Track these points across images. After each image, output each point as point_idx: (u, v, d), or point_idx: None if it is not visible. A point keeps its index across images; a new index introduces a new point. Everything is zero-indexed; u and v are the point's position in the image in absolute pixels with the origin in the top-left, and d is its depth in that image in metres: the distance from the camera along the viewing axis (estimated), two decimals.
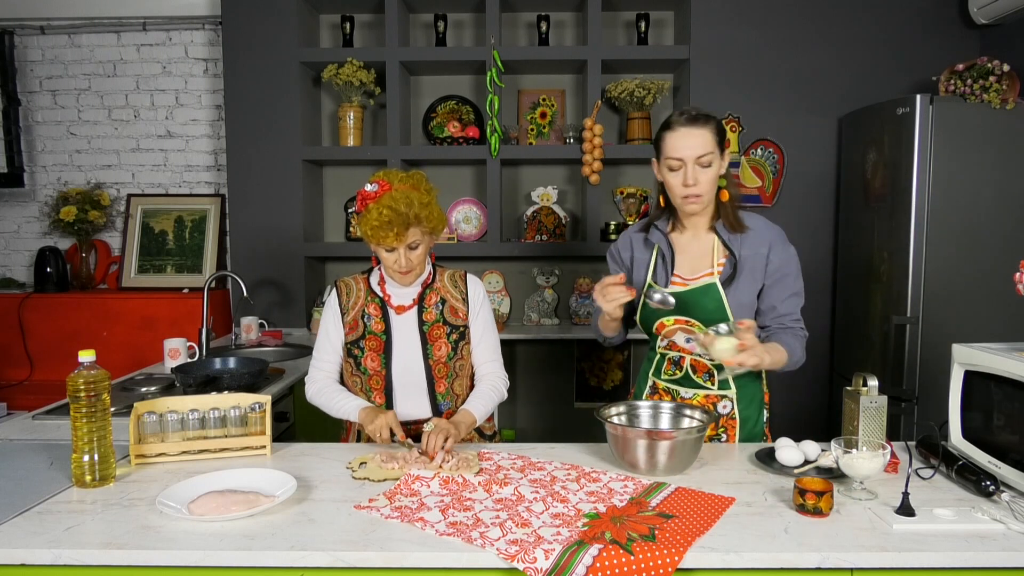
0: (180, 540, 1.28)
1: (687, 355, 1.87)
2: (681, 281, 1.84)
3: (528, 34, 3.77)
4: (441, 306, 1.93)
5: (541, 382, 3.82)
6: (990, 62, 2.82)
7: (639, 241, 1.94)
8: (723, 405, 1.87)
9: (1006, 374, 1.51)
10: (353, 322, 1.92)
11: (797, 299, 1.85)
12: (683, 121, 1.76)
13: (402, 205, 1.73)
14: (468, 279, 1.99)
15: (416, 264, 1.84)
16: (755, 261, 1.81)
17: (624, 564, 1.20)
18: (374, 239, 1.78)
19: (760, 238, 1.82)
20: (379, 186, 1.78)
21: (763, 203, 3.56)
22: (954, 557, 1.24)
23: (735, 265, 1.81)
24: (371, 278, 1.97)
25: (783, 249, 1.83)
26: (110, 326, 3.56)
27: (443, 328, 1.92)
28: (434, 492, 1.51)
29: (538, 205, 3.70)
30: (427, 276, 1.95)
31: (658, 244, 1.88)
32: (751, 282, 1.81)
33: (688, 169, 1.74)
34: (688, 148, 1.74)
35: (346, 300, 1.94)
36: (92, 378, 1.52)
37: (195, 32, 3.84)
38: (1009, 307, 2.84)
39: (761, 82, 3.52)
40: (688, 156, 1.74)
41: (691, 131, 1.74)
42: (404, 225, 1.75)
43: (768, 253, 1.81)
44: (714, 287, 1.79)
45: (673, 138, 1.76)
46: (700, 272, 1.83)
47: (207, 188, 3.94)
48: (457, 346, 1.92)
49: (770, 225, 1.86)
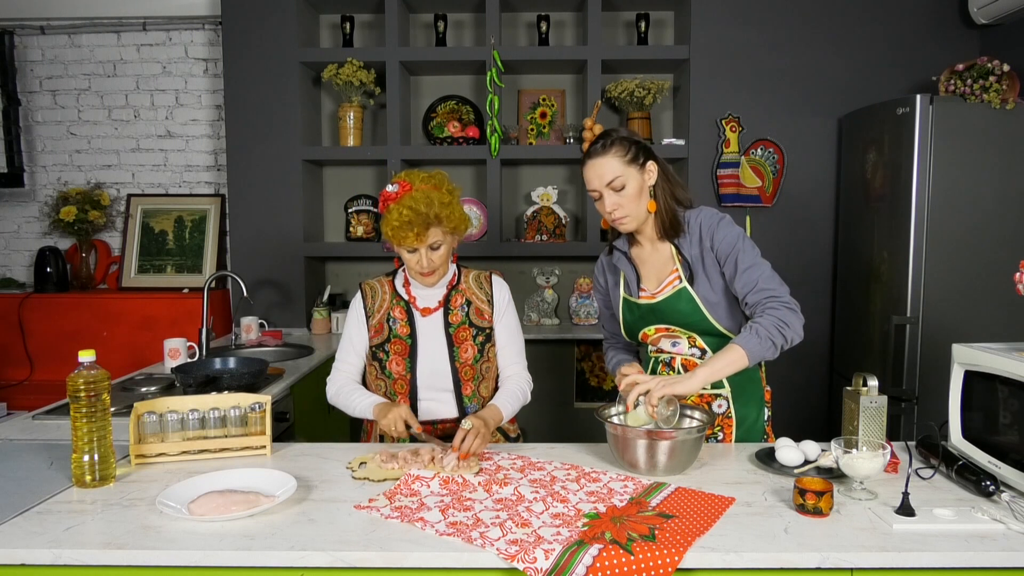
0: (180, 540, 1.28)
1: (678, 356, 1.87)
2: (649, 295, 1.86)
3: (528, 34, 3.77)
4: (467, 308, 1.92)
5: (541, 382, 3.78)
6: (990, 62, 2.82)
7: (608, 266, 1.98)
8: (718, 404, 1.87)
9: (1006, 374, 1.50)
10: (378, 325, 1.91)
11: (755, 270, 1.72)
12: (589, 153, 1.78)
13: (422, 205, 1.73)
14: (493, 280, 1.99)
15: (439, 264, 1.83)
16: (704, 255, 1.79)
17: (624, 564, 1.19)
18: (395, 239, 1.77)
19: (694, 234, 1.80)
20: (400, 186, 1.77)
21: (763, 203, 3.56)
22: (954, 557, 1.23)
23: (689, 268, 1.81)
24: (396, 280, 1.95)
25: (714, 232, 1.76)
26: (110, 326, 3.56)
27: (469, 330, 1.91)
28: (434, 492, 1.51)
29: (538, 205, 3.70)
30: (452, 277, 1.94)
31: (622, 269, 1.91)
32: (711, 277, 1.78)
33: (605, 197, 1.76)
34: (596, 178, 1.76)
35: (371, 303, 1.93)
36: (92, 378, 1.52)
37: (195, 32, 3.84)
38: (1009, 307, 2.84)
39: (761, 82, 3.52)
40: (598, 185, 1.76)
41: (595, 162, 1.75)
42: (424, 225, 1.74)
43: (710, 244, 1.78)
44: (684, 290, 1.80)
45: (585, 171, 1.79)
46: (664, 281, 1.84)
47: (207, 188, 3.94)
48: (483, 348, 1.92)
49: (699, 215, 1.80)
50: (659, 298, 1.84)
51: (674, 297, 1.81)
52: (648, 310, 1.86)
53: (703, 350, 1.84)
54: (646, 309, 1.86)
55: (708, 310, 1.79)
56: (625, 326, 1.93)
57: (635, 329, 1.91)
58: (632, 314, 1.89)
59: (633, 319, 1.90)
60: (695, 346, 1.85)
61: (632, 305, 1.89)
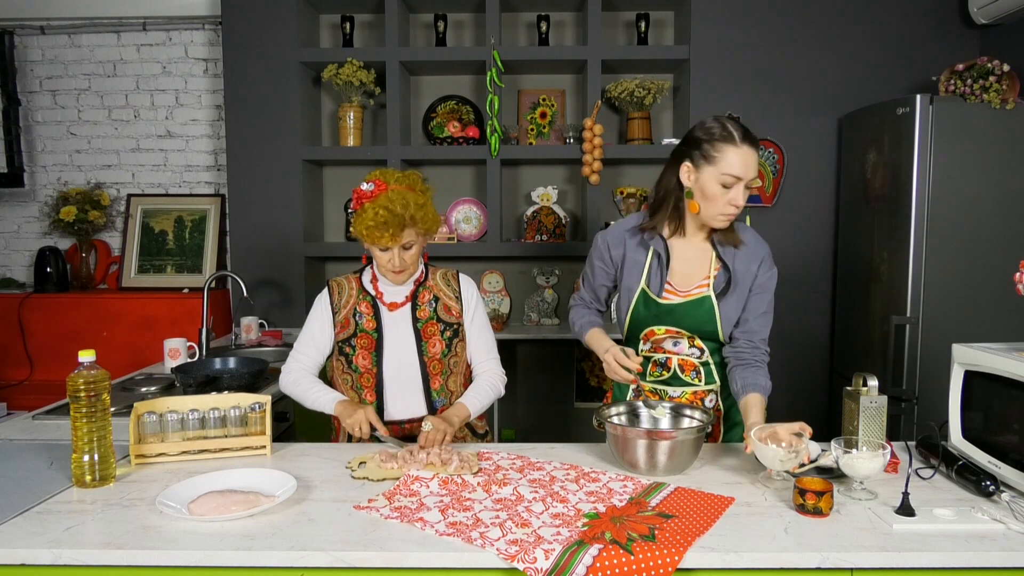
0: (180, 540, 1.28)
1: (675, 356, 1.86)
2: (674, 291, 1.83)
3: (528, 34, 3.77)
4: (435, 304, 1.94)
5: (541, 382, 3.82)
6: (990, 62, 2.82)
7: (633, 240, 1.88)
8: (709, 399, 1.88)
9: (1006, 374, 1.50)
10: (345, 320, 1.92)
11: (767, 318, 1.84)
12: (748, 138, 1.70)
13: (398, 206, 1.74)
14: (460, 278, 2.00)
15: (410, 264, 1.85)
16: (746, 277, 1.82)
17: (624, 564, 1.19)
18: (369, 239, 1.78)
19: (753, 254, 1.82)
20: (375, 185, 1.78)
21: (763, 203, 3.56)
22: (954, 557, 1.23)
23: (729, 279, 1.81)
24: (363, 277, 1.97)
25: (769, 267, 1.84)
26: (110, 326, 3.56)
27: (437, 325, 1.92)
28: (433, 492, 1.51)
29: (538, 205, 3.70)
30: (420, 274, 1.95)
31: (654, 247, 1.84)
32: (740, 297, 1.82)
33: (740, 189, 1.70)
34: (749, 169, 1.69)
35: (338, 299, 1.95)
36: (92, 378, 1.52)
37: (195, 32, 3.84)
38: (1009, 307, 2.84)
39: (761, 82, 3.52)
40: (746, 176, 1.70)
41: (751, 152, 1.69)
42: (400, 226, 1.75)
43: (757, 269, 1.82)
44: (708, 300, 1.80)
45: (736, 155, 1.68)
46: (694, 283, 1.83)
47: (207, 188, 3.94)
48: (451, 343, 1.93)
49: (761, 242, 1.86)
50: (683, 300, 1.81)
51: (696, 303, 1.80)
52: (667, 311, 1.82)
53: (701, 350, 1.85)
54: (665, 309, 1.82)
55: (722, 324, 1.80)
56: (632, 321, 1.87)
57: (643, 326, 1.86)
58: (647, 310, 1.84)
59: (647, 315, 1.84)
60: (694, 346, 1.85)
61: (650, 302, 1.83)
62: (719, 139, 1.70)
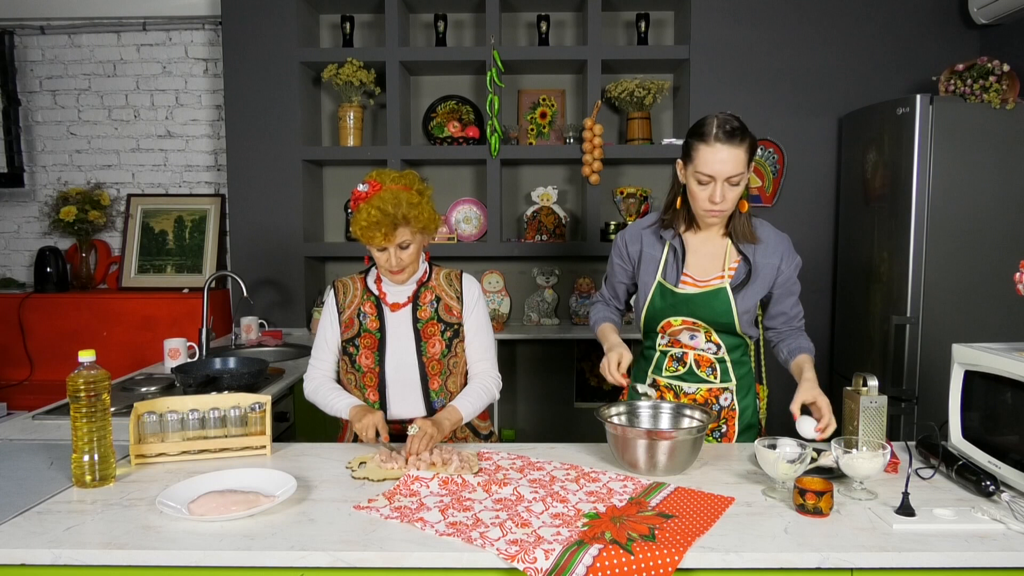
0: (180, 540, 1.28)
1: (690, 351, 1.87)
2: (692, 282, 1.84)
3: (528, 34, 3.77)
4: (436, 304, 1.94)
5: (541, 382, 3.82)
6: (990, 62, 2.82)
7: (650, 236, 1.91)
8: (724, 397, 1.89)
9: (1006, 374, 1.50)
10: (349, 320, 1.93)
11: (798, 300, 1.93)
12: (721, 136, 1.67)
13: (390, 206, 1.74)
14: (463, 278, 2.00)
15: (408, 263, 1.85)
16: (767, 271, 1.84)
17: (624, 564, 1.19)
18: (364, 239, 1.80)
19: (772, 249, 1.84)
20: (370, 186, 1.80)
21: (763, 203, 3.56)
22: (954, 557, 1.23)
23: (748, 272, 1.82)
24: (368, 277, 1.98)
25: (791, 259, 1.88)
26: (110, 326, 3.56)
27: (437, 325, 1.92)
28: (433, 492, 1.51)
29: (538, 205, 3.70)
30: (422, 274, 1.95)
31: (670, 241, 1.87)
32: (759, 289, 1.84)
33: (717, 187, 1.70)
34: (721, 166, 1.68)
35: (343, 299, 1.96)
36: (92, 378, 1.52)
37: (195, 32, 3.84)
38: (1009, 307, 2.84)
39: (761, 82, 3.52)
40: (719, 174, 1.69)
41: (726, 149, 1.67)
42: (392, 225, 1.76)
43: (779, 264, 1.85)
44: (724, 291, 1.80)
45: (707, 152, 1.68)
46: (711, 275, 1.84)
47: (207, 188, 3.94)
48: (451, 343, 1.93)
49: (780, 235, 1.88)
50: (700, 290, 1.82)
51: (712, 293, 1.81)
52: (683, 300, 1.83)
53: (718, 345, 1.85)
54: (681, 299, 1.83)
55: (738, 315, 1.81)
56: (649, 313, 1.88)
57: (659, 317, 1.87)
58: (664, 300, 1.85)
59: (664, 306, 1.85)
60: (711, 340, 1.85)
61: (667, 291, 1.84)
62: (695, 136, 1.73)
